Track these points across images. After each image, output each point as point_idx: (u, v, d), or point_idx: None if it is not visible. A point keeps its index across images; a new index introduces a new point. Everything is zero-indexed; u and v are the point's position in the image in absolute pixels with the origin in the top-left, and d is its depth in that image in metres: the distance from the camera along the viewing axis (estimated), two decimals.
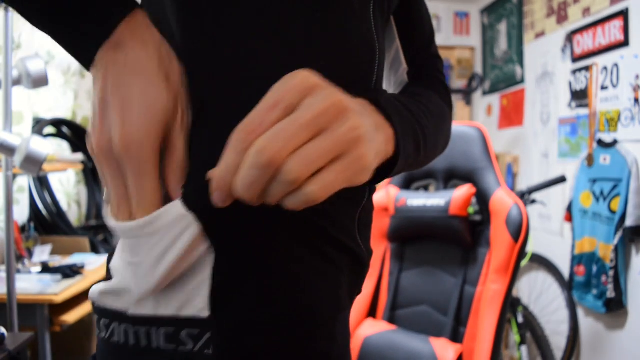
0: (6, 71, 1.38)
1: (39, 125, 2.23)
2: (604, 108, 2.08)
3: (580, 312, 2.25)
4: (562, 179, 2.00)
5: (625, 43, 1.96)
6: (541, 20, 2.58)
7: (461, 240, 1.59)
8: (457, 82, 3.33)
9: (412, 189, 1.80)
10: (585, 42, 2.20)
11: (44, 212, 2.31)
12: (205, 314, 0.41)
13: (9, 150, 1.33)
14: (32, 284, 1.67)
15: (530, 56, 2.70)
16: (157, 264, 0.40)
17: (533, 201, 2.04)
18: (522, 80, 2.78)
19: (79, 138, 2.65)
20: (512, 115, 2.90)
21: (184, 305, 0.41)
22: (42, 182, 2.30)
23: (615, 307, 1.94)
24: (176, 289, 0.41)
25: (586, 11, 2.20)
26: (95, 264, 2.01)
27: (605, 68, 2.06)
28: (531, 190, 2.02)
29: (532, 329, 2.23)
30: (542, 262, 2.50)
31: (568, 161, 2.34)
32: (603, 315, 2.08)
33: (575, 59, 2.28)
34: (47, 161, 1.37)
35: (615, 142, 1.98)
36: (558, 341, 2.34)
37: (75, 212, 2.67)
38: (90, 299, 0.45)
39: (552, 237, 2.49)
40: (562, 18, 2.39)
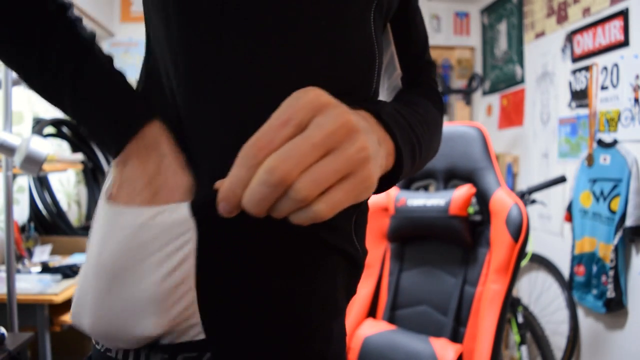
0: (6, 71, 1.38)
1: (39, 125, 2.23)
2: (604, 108, 2.08)
3: (580, 312, 2.25)
4: (562, 179, 2.00)
5: (625, 43, 1.96)
6: (541, 20, 2.58)
7: (461, 240, 1.58)
8: (457, 82, 3.33)
9: (412, 189, 1.80)
10: (585, 42, 2.20)
11: (44, 212, 2.31)
12: (202, 337, 0.42)
13: (9, 150, 1.33)
14: (32, 284, 1.67)
15: (530, 56, 2.70)
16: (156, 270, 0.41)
17: (533, 201, 2.04)
18: (522, 80, 2.78)
19: (79, 138, 2.65)
20: (512, 115, 2.90)
21: (178, 335, 0.42)
22: (42, 182, 2.30)
23: (615, 307, 1.94)
24: (165, 318, 0.42)
25: (586, 11, 2.20)
26: None
27: (605, 68, 2.06)
28: (531, 190, 2.02)
29: (532, 329, 2.23)
30: (542, 262, 2.50)
31: (568, 161, 2.34)
32: (603, 315, 2.08)
33: (575, 59, 2.28)
34: (47, 161, 1.37)
35: (615, 142, 1.98)
36: (558, 341, 2.34)
37: (75, 212, 2.67)
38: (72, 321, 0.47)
39: (552, 237, 2.49)
40: (562, 18, 2.39)
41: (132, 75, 2.92)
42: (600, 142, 2.06)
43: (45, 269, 1.88)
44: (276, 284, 0.44)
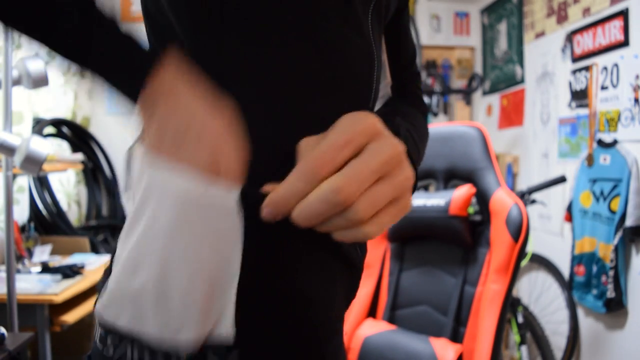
0: (6, 71, 1.38)
1: (39, 125, 2.23)
2: (604, 108, 2.08)
3: (580, 312, 2.25)
4: (562, 179, 2.00)
5: (625, 43, 1.96)
6: (541, 20, 2.58)
7: (461, 240, 1.58)
8: (457, 82, 3.33)
9: None
10: (585, 42, 2.20)
11: (44, 212, 2.31)
12: (230, 341, 0.40)
13: (9, 150, 1.33)
14: (32, 284, 1.67)
15: (530, 56, 2.70)
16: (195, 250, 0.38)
17: (533, 201, 2.04)
18: (522, 80, 2.78)
19: (79, 138, 2.65)
20: (512, 115, 2.90)
21: (209, 335, 0.40)
22: (42, 182, 2.30)
23: (615, 307, 1.94)
24: (196, 315, 0.40)
25: (586, 11, 2.20)
26: (95, 264, 2.01)
27: (605, 68, 2.06)
28: (531, 190, 2.02)
29: (532, 329, 2.23)
30: (542, 262, 2.50)
31: (568, 161, 2.34)
32: (603, 315, 2.08)
33: (575, 59, 2.28)
34: (47, 161, 1.37)
35: (615, 142, 1.98)
36: (558, 341, 2.34)
37: (75, 212, 2.67)
38: (96, 315, 0.44)
39: (552, 237, 2.49)
40: (562, 18, 2.39)
41: None
42: (600, 142, 2.06)
43: (45, 269, 1.88)
44: (292, 292, 0.44)
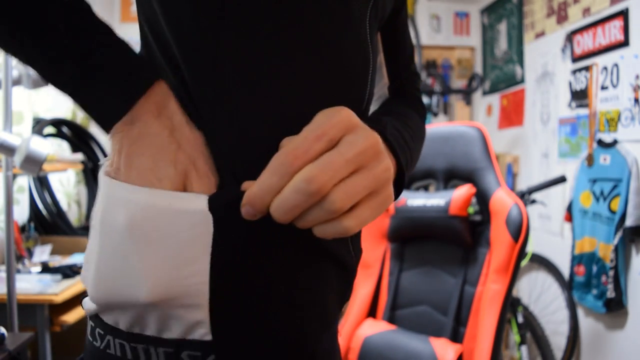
0: (6, 71, 1.38)
1: (39, 125, 2.23)
2: (604, 108, 2.08)
3: (580, 312, 2.25)
4: (562, 179, 2.00)
5: (625, 43, 1.96)
6: (541, 20, 2.58)
7: (461, 240, 1.58)
8: (457, 82, 3.33)
9: (412, 189, 1.80)
10: (585, 42, 2.20)
11: (44, 212, 2.31)
12: (208, 338, 0.41)
13: (9, 150, 1.33)
14: (32, 284, 1.67)
15: (530, 56, 2.70)
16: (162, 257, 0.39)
17: (533, 201, 2.04)
18: (522, 80, 2.78)
19: (79, 138, 2.65)
20: (512, 115, 2.90)
21: (187, 331, 0.41)
22: (42, 182, 2.30)
23: (615, 307, 1.94)
24: (172, 317, 0.41)
25: (586, 11, 2.20)
26: None
27: (605, 68, 2.06)
28: (531, 190, 2.02)
29: (532, 329, 2.23)
30: (542, 262, 2.50)
31: (568, 161, 2.34)
32: (603, 315, 2.08)
33: (575, 59, 2.28)
34: (47, 161, 1.37)
35: (615, 142, 1.98)
36: (558, 341, 2.34)
37: (75, 212, 2.67)
38: (85, 310, 0.45)
39: (552, 237, 2.49)
40: (562, 18, 2.39)
41: None
42: (600, 142, 2.06)
43: (45, 269, 1.88)
44: (279, 291, 0.43)
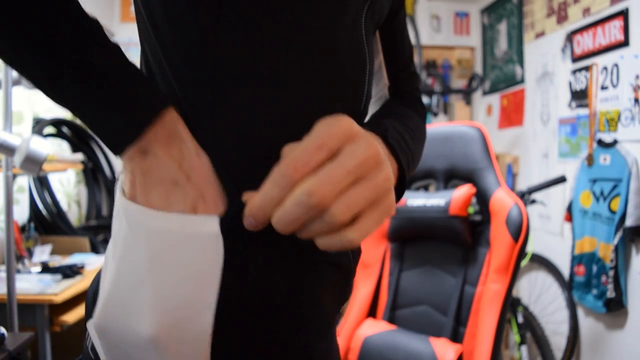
0: (6, 71, 1.38)
1: (39, 125, 2.23)
2: (604, 108, 2.08)
3: (580, 312, 2.25)
4: (562, 179, 2.00)
5: (625, 43, 1.96)
6: (541, 20, 2.58)
7: (461, 240, 1.58)
8: (457, 82, 3.33)
9: (412, 189, 1.80)
10: (585, 42, 2.20)
11: (44, 212, 2.31)
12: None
13: (9, 150, 1.33)
14: (32, 284, 1.67)
15: (530, 56, 2.70)
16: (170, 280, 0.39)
17: (533, 201, 2.04)
18: (522, 80, 2.78)
19: (79, 138, 2.65)
20: (512, 115, 2.90)
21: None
22: (42, 182, 2.30)
23: (615, 307, 1.94)
24: (178, 348, 0.40)
25: (586, 11, 2.20)
26: (95, 264, 2.01)
27: (605, 68, 2.06)
28: (531, 190, 2.02)
29: (532, 329, 2.23)
30: (542, 262, 2.50)
31: (568, 161, 2.34)
32: (603, 315, 2.08)
33: (575, 59, 2.28)
34: (47, 161, 1.37)
35: (615, 142, 1.98)
36: (558, 341, 2.34)
37: (75, 212, 2.67)
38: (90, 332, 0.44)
39: (552, 237, 2.49)
40: (562, 18, 2.39)
41: None
42: (600, 142, 2.06)
43: (45, 269, 1.88)
44: (280, 296, 0.44)
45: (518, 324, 2.14)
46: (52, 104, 2.46)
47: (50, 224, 2.30)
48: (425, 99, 3.18)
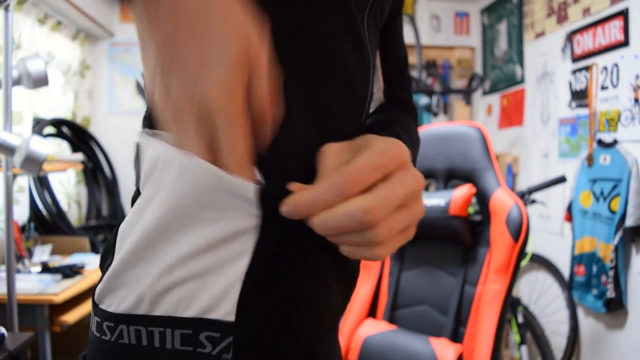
0: (6, 71, 1.38)
1: (39, 125, 2.23)
2: (604, 108, 2.08)
3: (580, 312, 2.25)
4: (562, 179, 2.00)
5: (625, 43, 1.96)
6: (541, 20, 2.58)
7: (461, 240, 1.58)
8: (457, 82, 3.33)
9: None
10: (585, 42, 2.20)
11: (44, 212, 2.31)
12: (231, 319, 0.40)
13: (9, 150, 1.33)
14: (32, 284, 1.67)
15: (530, 56, 2.70)
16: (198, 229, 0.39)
17: (533, 201, 2.04)
18: (522, 80, 2.78)
19: (79, 138, 2.65)
20: (512, 115, 2.90)
21: (210, 308, 0.40)
22: (42, 182, 2.30)
23: (615, 307, 1.94)
24: (203, 289, 0.40)
25: (586, 11, 2.20)
26: (96, 264, 2.02)
27: (605, 68, 2.06)
28: (531, 190, 2.02)
29: (532, 329, 2.23)
30: (542, 262, 2.50)
31: (568, 161, 2.34)
32: (603, 315, 2.08)
33: (575, 59, 2.28)
34: (47, 161, 1.37)
35: (615, 142, 1.98)
36: (558, 341, 2.34)
37: (75, 212, 2.67)
38: (95, 300, 0.44)
39: (552, 237, 2.49)
40: (562, 18, 2.39)
41: (132, 76, 2.92)
42: (600, 142, 2.06)
43: (45, 269, 1.88)
44: (299, 289, 0.44)
45: (518, 324, 2.14)
46: (52, 104, 2.46)
47: (50, 224, 2.30)
48: (425, 99, 3.19)
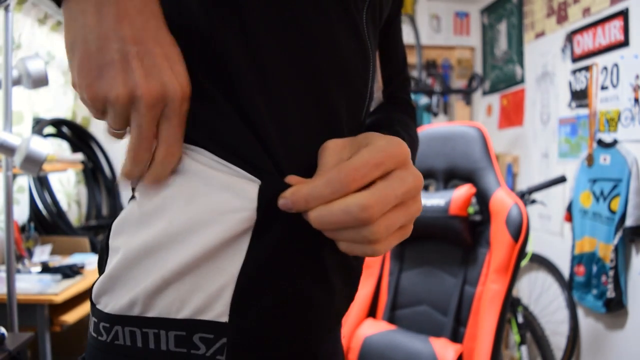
0: (6, 71, 1.38)
1: (39, 125, 2.23)
2: (604, 108, 2.08)
3: (580, 312, 2.25)
4: (562, 179, 2.00)
5: (625, 43, 1.96)
6: (541, 20, 2.58)
7: (461, 240, 1.58)
8: (457, 82, 3.33)
9: None
10: (585, 42, 2.20)
11: (44, 212, 2.31)
12: (225, 319, 0.40)
13: (9, 150, 1.33)
14: (32, 284, 1.67)
15: (530, 56, 2.70)
16: (194, 235, 0.39)
17: (533, 201, 2.04)
18: (522, 80, 2.78)
19: (79, 138, 2.65)
20: (512, 115, 2.90)
21: (203, 309, 0.40)
22: (42, 182, 2.30)
23: (615, 307, 1.94)
24: (196, 290, 0.40)
25: (586, 11, 2.20)
26: (95, 264, 2.01)
27: (605, 68, 2.06)
28: (531, 190, 2.02)
29: (532, 329, 2.23)
30: (542, 262, 2.50)
31: (568, 161, 2.34)
32: (603, 315, 2.08)
33: (575, 59, 2.28)
34: (47, 161, 1.37)
35: (615, 142, 1.98)
36: (558, 341, 2.34)
37: (75, 212, 2.67)
38: (92, 299, 0.44)
39: (552, 237, 2.49)
40: (562, 18, 2.39)
41: None
42: (600, 142, 2.06)
43: (45, 269, 1.88)
44: (297, 288, 0.43)
45: (518, 324, 2.14)
46: (52, 104, 2.46)
47: (50, 224, 2.30)
48: (425, 99, 3.18)
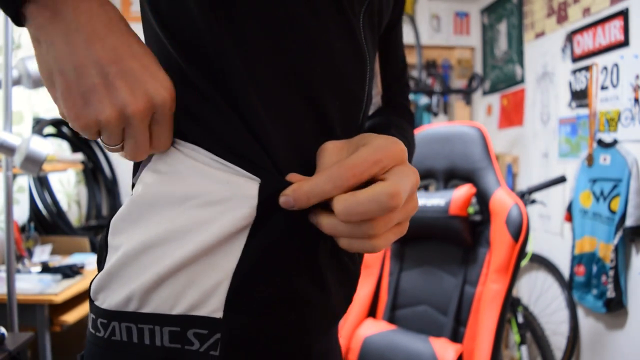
0: (6, 71, 1.38)
1: (39, 125, 2.23)
2: (604, 108, 2.08)
3: (580, 312, 2.25)
4: (562, 179, 2.00)
5: (625, 43, 1.96)
6: (541, 20, 2.58)
7: (461, 240, 1.58)
8: (457, 82, 3.33)
9: None
10: (585, 42, 2.20)
11: (44, 212, 2.31)
12: (219, 315, 0.40)
13: (9, 150, 1.33)
14: (32, 284, 1.67)
15: (530, 56, 2.70)
16: (195, 233, 0.40)
17: (533, 201, 2.04)
18: (522, 80, 2.78)
19: (79, 138, 2.65)
20: (512, 115, 2.90)
21: (198, 305, 0.40)
22: (42, 182, 2.30)
23: (615, 307, 1.94)
24: (191, 286, 0.40)
25: (586, 11, 2.20)
26: (95, 264, 2.01)
27: (605, 68, 2.06)
28: (531, 190, 2.02)
29: (532, 329, 2.23)
30: (542, 262, 2.50)
31: (568, 161, 2.34)
32: (603, 315, 2.08)
33: (575, 59, 2.28)
34: (47, 161, 1.37)
35: (615, 142, 1.98)
36: (558, 341, 2.34)
37: (75, 212, 2.67)
38: (91, 296, 0.44)
39: (552, 237, 2.49)
40: (562, 18, 2.39)
41: None
42: (600, 142, 2.06)
43: (45, 269, 1.88)
44: (293, 286, 0.43)
45: (518, 324, 2.14)
46: (52, 104, 2.46)
47: (50, 224, 2.30)
48: (425, 99, 3.18)
